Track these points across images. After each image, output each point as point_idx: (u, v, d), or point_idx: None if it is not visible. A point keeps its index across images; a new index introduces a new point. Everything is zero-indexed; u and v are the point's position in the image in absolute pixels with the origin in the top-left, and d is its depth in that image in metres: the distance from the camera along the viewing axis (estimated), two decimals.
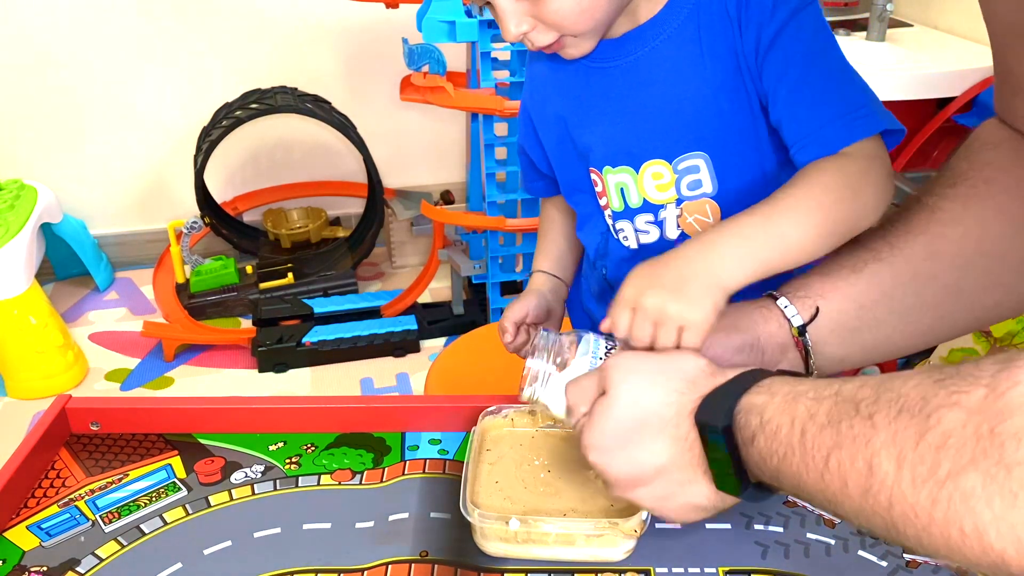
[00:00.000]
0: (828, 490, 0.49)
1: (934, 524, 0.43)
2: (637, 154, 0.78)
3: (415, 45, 1.92)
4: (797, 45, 0.70)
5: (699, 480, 0.59)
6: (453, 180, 2.72)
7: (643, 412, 0.59)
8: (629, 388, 0.60)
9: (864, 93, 0.71)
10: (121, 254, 2.63)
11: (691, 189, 0.78)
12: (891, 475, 0.45)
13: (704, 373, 0.59)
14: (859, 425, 0.47)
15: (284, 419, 0.80)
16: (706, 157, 0.76)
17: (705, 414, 0.57)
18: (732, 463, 0.56)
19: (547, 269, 0.93)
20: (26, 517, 0.71)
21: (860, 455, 0.47)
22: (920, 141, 1.90)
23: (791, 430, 0.51)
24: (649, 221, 0.81)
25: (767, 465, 0.53)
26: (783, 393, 0.54)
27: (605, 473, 0.61)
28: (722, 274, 0.64)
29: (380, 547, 0.66)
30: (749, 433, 0.54)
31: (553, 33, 0.73)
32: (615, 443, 0.59)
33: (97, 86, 2.47)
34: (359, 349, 2.17)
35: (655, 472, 0.59)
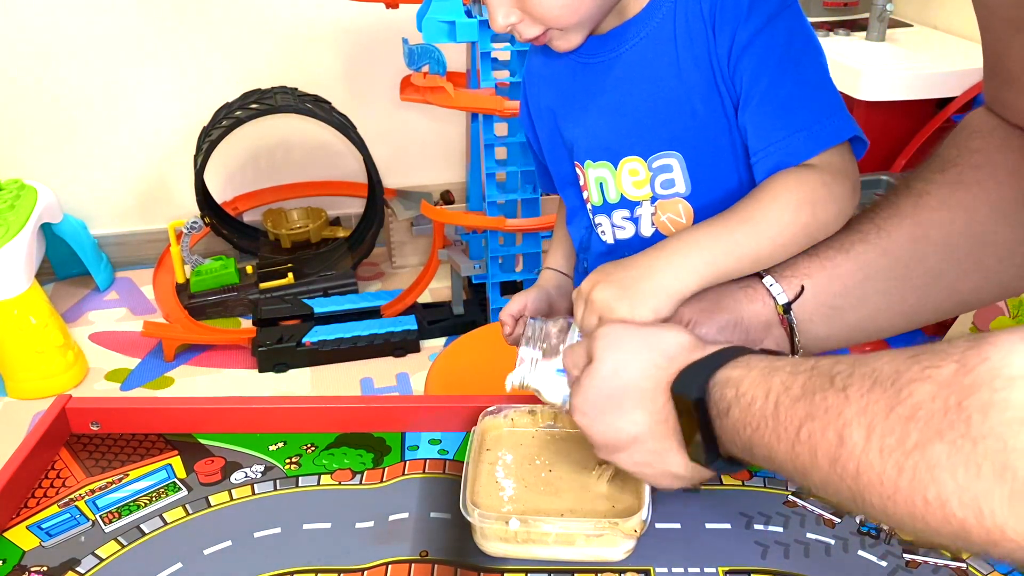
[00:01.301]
0: (798, 460, 0.51)
1: (899, 493, 0.44)
2: (615, 150, 0.79)
3: (415, 45, 1.92)
4: (769, 52, 0.71)
5: (674, 450, 0.61)
6: (453, 180, 2.73)
7: (623, 383, 0.62)
8: (612, 358, 0.63)
9: (832, 103, 0.71)
10: (121, 254, 2.64)
11: (664, 188, 0.78)
12: (860, 445, 0.46)
13: (684, 348, 0.62)
14: (832, 397, 0.49)
15: (284, 419, 0.80)
16: (679, 157, 0.77)
17: (681, 387, 0.59)
18: (703, 435, 0.58)
19: (556, 267, 0.95)
20: (26, 517, 0.71)
21: (831, 426, 0.48)
22: (920, 141, 1.90)
23: (765, 402, 0.53)
24: (625, 217, 0.81)
25: (740, 437, 0.55)
26: (760, 367, 0.55)
27: (588, 435, 0.64)
28: (670, 281, 0.68)
29: (380, 547, 0.66)
30: (724, 405, 0.56)
31: (539, 26, 0.74)
32: (596, 409, 0.63)
33: (97, 86, 2.47)
34: (359, 349, 2.17)
35: (632, 440, 0.62)
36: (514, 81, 1.93)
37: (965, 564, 0.64)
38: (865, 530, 0.67)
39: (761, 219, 0.69)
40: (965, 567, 0.64)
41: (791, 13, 0.72)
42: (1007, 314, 1.70)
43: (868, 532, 0.67)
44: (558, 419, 0.75)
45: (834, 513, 0.69)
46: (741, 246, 0.69)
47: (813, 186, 0.69)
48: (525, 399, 0.76)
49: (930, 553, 0.65)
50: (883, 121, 1.88)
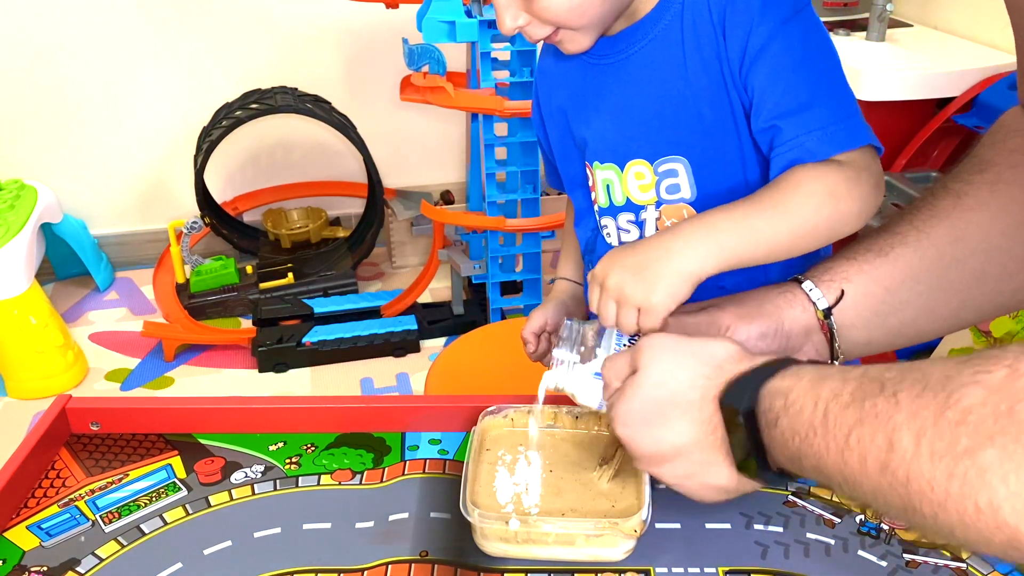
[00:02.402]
0: (847, 468, 0.50)
1: (950, 499, 0.44)
2: (622, 152, 0.79)
3: (415, 45, 1.92)
4: (786, 56, 0.70)
5: (720, 463, 0.59)
6: (453, 180, 2.72)
7: (669, 393, 0.60)
8: (658, 368, 0.61)
9: (850, 106, 0.71)
10: (121, 254, 2.64)
11: (670, 192, 0.78)
12: (910, 451, 0.45)
13: (733, 359, 0.60)
14: (883, 403, 0.48)
15: (284, 419, 0.80)
16: (685, 162, 0.76)
17: (729, 397, 0.58)
18: (753, 446, 0.56)
19: (568, 276, 0.95)
20: (26, 517, 0.71)
21: (881, 431, 0.47)
22: (920, 141, 1.90)
23: (814, 411, 0.52)
24: (630, 220, 0.81)
25: (788, 447, 0.54)
26: (810, 376, 0.54)
27: (630, 447, 0.62)
28: (686, 262, 0.67)
29: (380, 547, 0.66)
30: (773, 416, 0.55)
31: (548, 27, 0.74)
32: (641, 420, 0.61)
33: (97, 86, 2.47)
34: (359, 349, 2.17)
35: (677, 451, 0.60)
36: (514, 81, 1.93)
37: (965, 564, 0.64)
38: (865, 530, 0.67)
39: (782, 208, 0.68)
40: (965, 567, 0.64)
41: (805, 16, 0.71)
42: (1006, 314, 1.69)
43: (868, 532, 0.67)
44: (558, 419, 0.75)
45: (834, 513, 0.69)
46: (760, 233, 0.68)
47: (836, 180, 0.68)
48: (525, 399, 0.76)
49: (930, 553, 0.65)
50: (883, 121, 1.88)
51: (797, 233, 0.68)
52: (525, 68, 1.93)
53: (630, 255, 0.68)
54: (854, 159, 0.69)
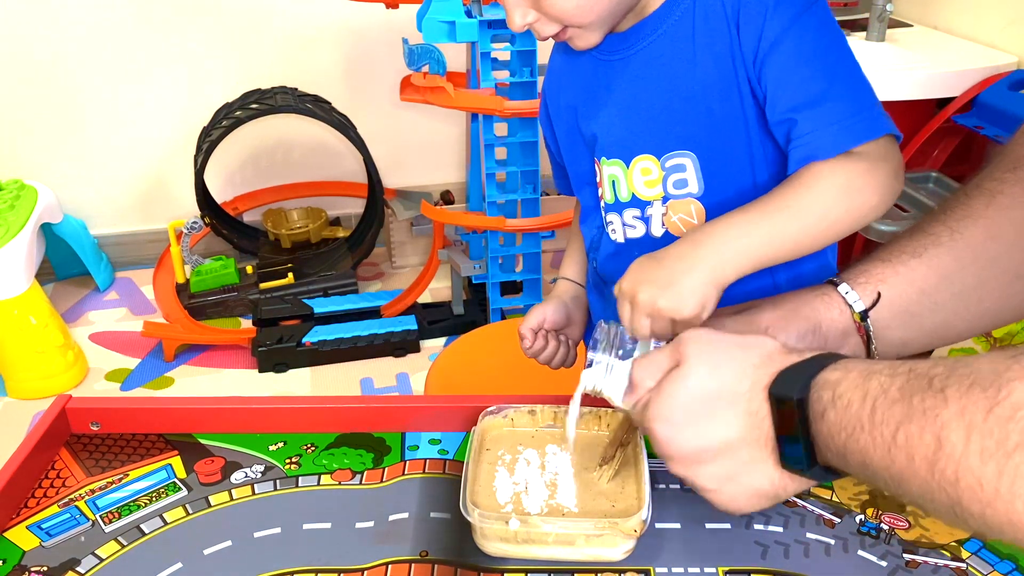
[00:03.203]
0: (894, 466, 0.49)
1: (999, 498, 0.43)
2: (628, 148, 0.79)
3: (415, 45, 1.92)
4: (800, 48, 0.70)
5: (765, 460, 0.58)
6: (453, 180, 2.72)
7: (717, 384, 0.58)
8: (706, 360, 0.59)
9: (868, 96, 0.71)
10: (121, 254, 2.64)
11: (677, 188, 0.78)
12: (959, 448, 0.45)
13: (780, 351, 0.59)
14: (930, 399, 0.47)
15: (284, 419, 0.80)
16: (693, 157, 0.76)
17: (780, 387, 0.56)
18: (803, 437, 0.55)
19: (571, 276, 0.95)
20: (26, 517, 0.71)
21: (929, 428, 0.46)
22: (920, 141, 1.90)
23: (861, 405, 0.51)
24: (636, 216, 0.81)
25: (835, 441, 0.53)
26: (858, 370, 0.53)
27: (668, 447, 0.59)
28: (712, 270, 0.66)
29: (380, 547, 0.66)
30: (821, 408, 0.53)
31: (556, 25, 0.74)
32: (685, 415, 0.58)
33: (97, 86, 2.47)
34: (359, 349, 2.17)
35: (722, 447, 0.58)
36: (514, 81, 1.93)
37: (965, 564, 0.64)
38: (865, 530, 0.67)
39: (800, 206, 0.68)
40: (965, 567, 0.64)
41: (819, 8, 0.71)
42: None
43: (868, 532, 0.67)
44: (557, 419, 0.75)
45: (834, 513, 0.69)
46: (781, 233, 0.68)
47: (854, 173, 0.68)
48: (525, 399, 0.76)
49: (930, 553, 0.65)
50: None
51: (817, 229, 0.68)
52: (525, 68, 1.93)
53: (656, 268, 0.68)
54: (871, 150, 0.69)
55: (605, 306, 0.90)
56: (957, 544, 0.66)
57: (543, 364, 0.91)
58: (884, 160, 0.70)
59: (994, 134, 1.76)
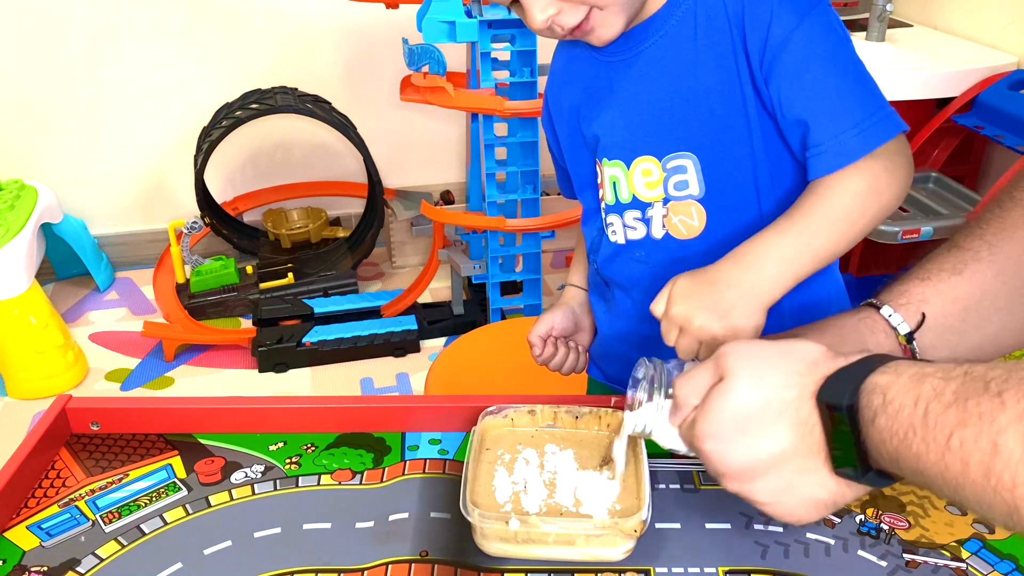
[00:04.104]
0: (948, 472, 0.47)
1: None
2: (629, 148, 0.79)
3: (415, 45, 1.92)
4: (809, 50, 0.70)
5: (819, 468, 0.56)
6: (453, 180, 2.72)
7: (764, 395, 0.56)
8: (749, 371, 0.57)
9: (879, 96, 0.71)
10: (121, 254, 2.64)
11: (678, 189, 0.78)
12: (1017, 454, 0.44)
13: (826, 356, 0.57)
14: (987, 403, 0.46)
15: (284, 419, 0.80)
16: (694, 158, 0.76)
17: (829, 393, 0.55)
18: (855, 444, 0.53)
19: (578, 283, 0.95)
20: (26, 517, 0.71)
21: (985, 433, 0.45)
22: (920, 141, 1.90)
23: (914, 410, 0.49)
24: (637, 218, 0.81)
25: (887, 447, 0.51)
26: (909, 373, 0.52)
27: (719, 463, 0.58)
28: (763, 293, 0.68)
29: (380, 547, 0.66)
30: (871, 413, 0.52)
31: (580, 11, 0.72)
32: (733, 429, 0.57)
33: (97, 86, 2.47)
34: (359, 349, 2.17)
35: (774, 459, 0.56)
36: (514, 81, 1.93)
37: (965, 564, 0.64)
38: (865, 530, 0.67)
39: (833, 216, 0.69)
40: (965, 567, 0.64)
41: (824, 7, 0.71)
42: None
43: (868, 532, 0.67)
44: (557, 419, 0.75)
45: (834, 513, 0.69)
46: (817, 246, 0.69)
47: (875, 174, 0.69)
48: (525, 399, 0.76)
49: (930, 553, 0.65)
50: None
51: (847, 236, 0.70)
52: (525, 68, 1.93)
53: (707, 294, 0.68)
54: (888, 148, 0.70)
55: (607, 308, 0.90)
56: (957, 544, 0.66)
57: (553, 371, 0.91)
58: (900, 155, 0.71)
59: (994, 134, 1.76)
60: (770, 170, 0.76)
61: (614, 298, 0.88)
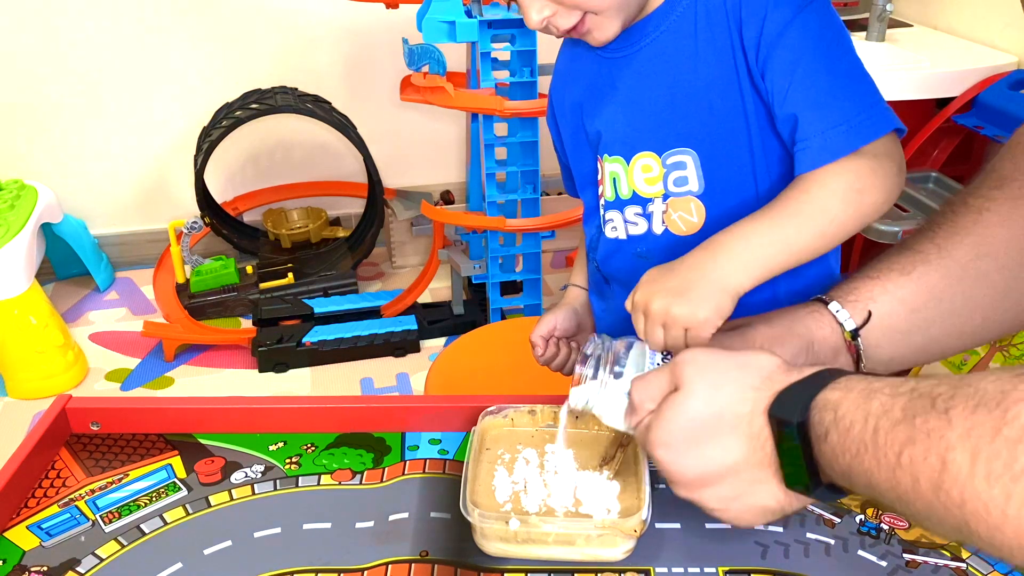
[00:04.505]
0: (899, 487, 0.48)
1: (1007, 522, 0.42)
2: (630, 144, 0.79)
3: (415, 45, 1.92)
4: (803, 44, 0.70)
5: (769, 480, 0.57)
6: (453, 180, 2.72)
7: (718, 408, 0.57)
8: (705, 383, 0.58)
9: (872, 93, 0.71)
10: (121, 254, 2.64)
11: (677, 185, 0.78)
12: (964, 470, 0.44)
13: (780, 370, 0.58)
14: (934, 420, 0.46)
15: (284, 419, 0.80)
16: (694, 154, 0.76)
17: (780, 409, 0.56)
18: (805, 460, 0.54)
19: (580, 283, 0.94)
20: (26, 517, 0.71)
21: (933, 450, 0.46)
22: (920, 141, 1.90)
23: (864, 426, 0.50)
24: (637, 213, 0.81)
25: (839, 463, 0.52)
26: (859, 389, 0.52)
27: (671, 471, 0.59)
28: (726, 278, 0.66)
29: (380, 547, 0.66)
30: (823, 430, 0.53)
31: (574, 15, 0.73)
32: (686, 440, 0.58)
33: (97, 86, 2.47)
34: (359, 349, 2.17)
35: (725, 471, 0.57)
36: (514, 81, 1.93)
37: (965, 564, 0.64)
38: (865, 530, 0.67)
39: (810, 211, 0.68)
40: (965, 567, 0.64)
41: (820, 4, 0.71)
42: None
43: (868, 532, 0.67)
44: (557, 419, 0.75)
45: (834, 513, 0.69)
46: (791, 240, 0.68)
47: (860, 173, 0.68)
48: (525, 399, 0.76)
49: (930, 553, 0.65)
50: None
51: (827, 233, 0.69)
52: (525, 68, 1.93)
53: (670, 278, 0.68)
54: (876, 148, 0.69)
55: (606, 307, 0.90)
56: (957, 544, 0.66)
57: (554, 371, 0.91)
58: (888, 157, 0.70)
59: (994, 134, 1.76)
60: (769, 167, 0.76)
61: (613, 295, 0.88)
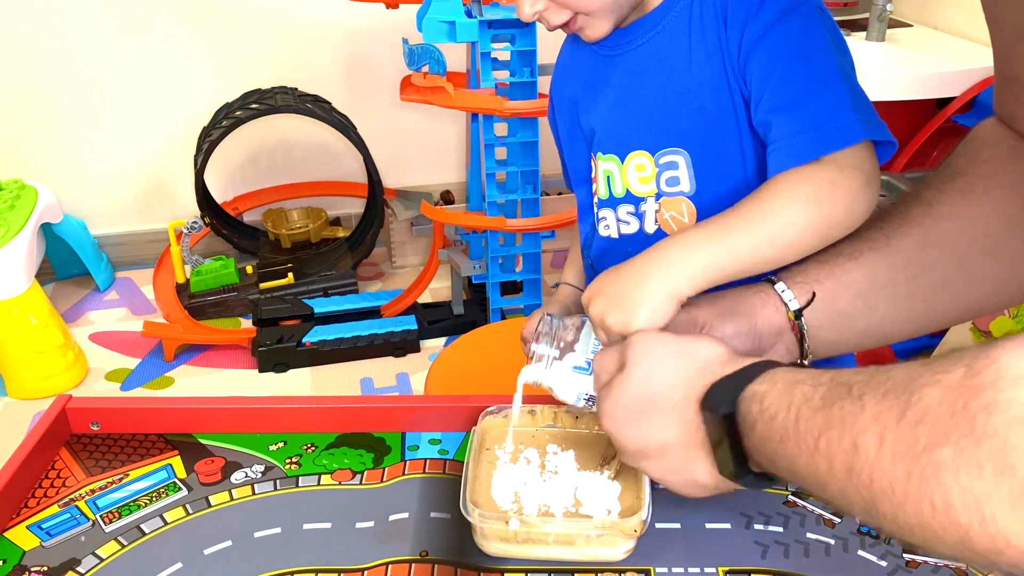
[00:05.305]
0: (818, 471, 0.50)
1: (908, 499, 0.44)
2: (624, 143, 0.79)
3: (415, 45, 1.92)
4: (782, 48, 0.69)
5: (702, 459, 0.60)
6: (453, 180, 2.72)
7: (654, 392, 0.61)
8: (644, 366, 0.62)
9: (845, 101, 0.68)
10: (121, 254, 2.64)
11: (669, 185, 0.78)
12: (872, 452, 0.46)
13: (717, 360, 0.61)
14: (849, 406, 0.49)
15: (284, 419, 0.80)
16: (685, 155, 0.76)
17: (710, 400, 0.59)
18: (732, 451, 0.57)
19: (572, 281, 0.94)
20: (26, 517, 0.71)
21: (847, 435, 0.48)
22: (920, 141, 1.90)
23: (787, 415, 0.53)
24: (630, 212, 0.81)
25: (764, 451, 0.55)
26: (784, 381, 0.55)
27: (617, 441, 0.63)
28: (664, 284, 0.66)
29: (380, 547, 0.67)
30: (750, 421, 0.56)
31: (565, 13, 0.75)
32: (626, 415, 0.62)
33: (97, 86, 2.47)
34: (359, 349, 2.17)
35: (660, 448, 0.61)
36: (514, 81, 1.93)
37: (965, 564, 0.64)
38: (865, 530, 0.67)
39: (761, 218, 0.67)
40: (965, 567, 0.64)
41: (807, 10, 0.70)
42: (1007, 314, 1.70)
43: (868, 532, 0.67)
44: (557, 419, 0.75)
45: (834, 513, 0.69)
46: (739, 247, 0.67)
47: (817, 183, 0.67)
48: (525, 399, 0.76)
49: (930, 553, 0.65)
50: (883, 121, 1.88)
51: (780, 242, 0.67)
52: (525, 68, 1.93)
53: (611, 282, 0.68)
54: (841, 158, 0.67)
55: None
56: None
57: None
58: (854, 168, 0.67)
59: None
60: (759, 169, 0.75)
61: None
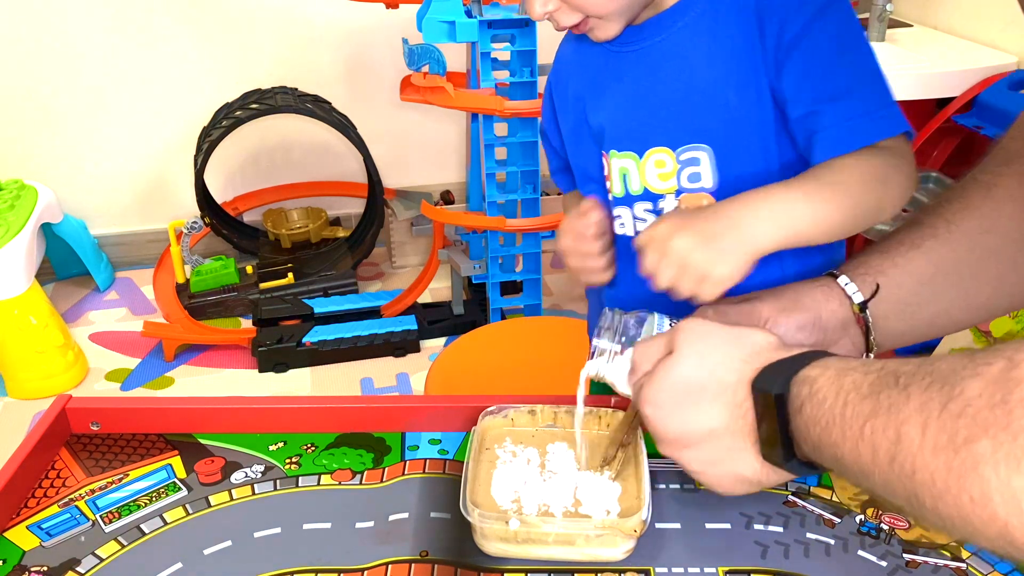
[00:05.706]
0: (861, 460, 0.50)
1: (948, 492, 0.44)
2: (642, 140, 0.79)
3: (415, 45, 1.92)
4: (824, 43, 0.70)
5: (747, 449, 0.60)
6: (453, 180, 2.72)
7: (706, 374, 0.60)
8: (695, 350, 0.61)
9: (889, 94, 0.72)
10: (121, 254, 2.64)
11: (691, 181, 0.78)
12: (916, 442, 0.46)
13: (771, 346, 0.61)
14: (895, 395, 0.49)
15: (284, 419, 0.80)
16: (709, 151, 0.76)
17: (762, 382, 0.58)
18: (780, 432, 0.57)
19: None
20: (26, 517, 0.71)
21: (891, 423, 0.48)
22: (920, 141, 1.90)
23: (835, 401, 0.53)
24: (647, 209, 0.81)
25: (810, 435, 0.54)
26: (836, 367, 0.55)
27: (657, 429, 0.62)
28: (756, 234, 0.66)
29: (380, 547, 0.66)
30: (799, 402, 0.55)
31: (576, 15, 0.75)
32: (672, 401, 0.61)
33: (97, 86, 2.47)
34: (359, 349, 2.17)
35: (706, 435, 0.60)
36: (514, 81, 1.93)
37: (965, 564, 0.64)
38: (865, 530, 0.67)
39: (839, 188, 0.68)
40: (965, 567, 0.64)
41: (840, 6, 0.72)
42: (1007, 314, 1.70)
43: (868, 532, 0.67)
44: (557, 419, 0.75)
45: (834, 513, 0.69)
46: (819, 212, 0.68)
47: (882, 164, 0.69)
48: (525, 399, 0.76)
49: (930, 553, 0.65)
50: None
51: (850, 214, 0.69)
52: (525, 68, 1.93)
53: (701, 221, 0.67)
54: (895, 146, 0.70)
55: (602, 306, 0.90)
56: (957, 544, 0.66)
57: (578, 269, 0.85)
58: (905, 158, 0.71)
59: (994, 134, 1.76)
60: (780, 163, 0.76)
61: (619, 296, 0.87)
